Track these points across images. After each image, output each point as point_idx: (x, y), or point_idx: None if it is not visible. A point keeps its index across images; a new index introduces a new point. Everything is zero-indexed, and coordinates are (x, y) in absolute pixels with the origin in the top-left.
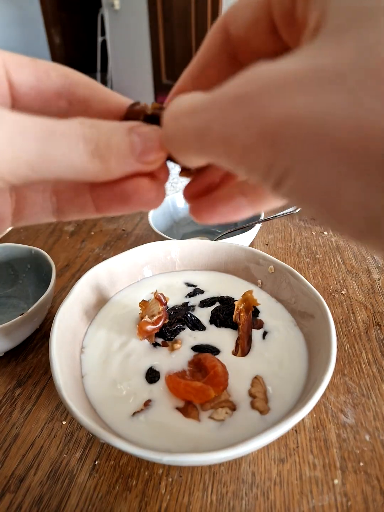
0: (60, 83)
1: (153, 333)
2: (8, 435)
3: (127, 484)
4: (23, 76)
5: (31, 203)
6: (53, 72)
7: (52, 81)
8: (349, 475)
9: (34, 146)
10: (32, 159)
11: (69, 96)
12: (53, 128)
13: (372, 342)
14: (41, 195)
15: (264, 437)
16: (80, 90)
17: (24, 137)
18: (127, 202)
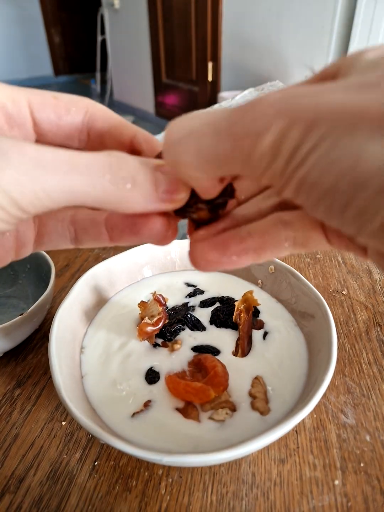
0: (80, 118)
1: (153, 334)
2: (7, 436)
3: (127, 485)
4: (45, 114)
5: (50, 231)
6: (73, 108)
7: (72, 116)
8: (349, 476)
9: (54, 178)
10: (52, 191)
11: (88, 129)
12: (76, 160)
13: (372, 342)
14: (60, 224)
15: (264, 437)
16: (98, 123)
17: (44, 170)
18: (137, 234)
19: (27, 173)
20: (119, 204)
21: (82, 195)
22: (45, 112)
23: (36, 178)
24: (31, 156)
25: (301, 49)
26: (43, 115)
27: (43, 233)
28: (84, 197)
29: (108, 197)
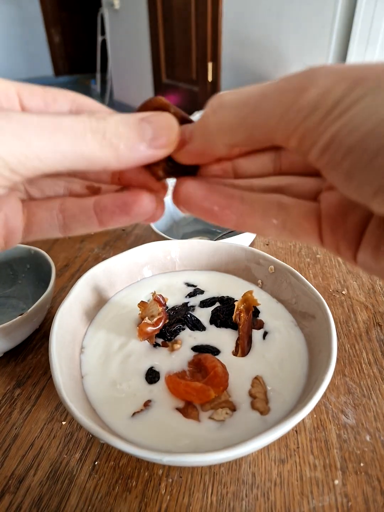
0: (67, 107)
1: (154, 334)
2: (7, 436)
3: (127, 485)
4: (34, 102)
5: (39, 219)
6: (60, 97)
7: (59, 105)
8: (350, 476)
9: (41, 140)
10: (40, 151)
11: None
12: (59, 122)
13: (372, 343)
14: (49, 212)
15: (264, 437)
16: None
17: (31, 132)
18: (128, 212)
19: (15, 134)
20: (106, 160)
21: (70, 155)
22: (34, 100)
23: (24, 139)
24: (18, 120)
25: (301, 49)
26: (32, 103)
27: (32, 222)
28: (72, 157)
29: (94, 154)
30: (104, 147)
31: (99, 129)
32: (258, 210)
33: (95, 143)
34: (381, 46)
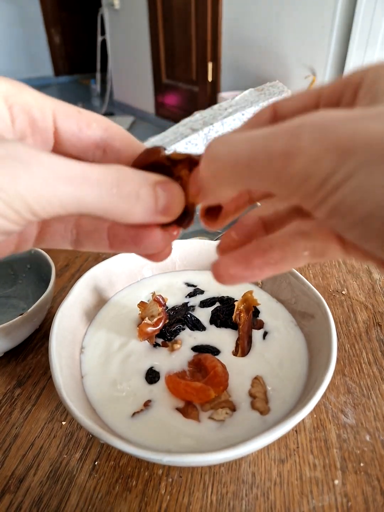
0: (99, 135)
1: (154, 335)
2: (8, 435)
3: (127, 485)
4: (68, 124)
5: (53, 231)
6: (94, 124)
7: (93, 132)
8: (350, 476)
9: (68, 189)
10: (65, 200)
11: (105, 146)
12: (88, 174)
13: (372, 342)
14: (64, 225)
15: (264, 437)
16: (116, 142)
17: (58, 181)
18: (138, 244)
19: (43, 181)
20: (122, 215)
21: (91, 205)
22: (68, 122)
23: (51, 187)
24: (48, 167)
25: (301, 49)
26: (66, 125)
27: (46, 232)
28: (93, 207)
29: (114, 208)
30: (123, 204)
31: (124, 188)
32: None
33: (116, 199)
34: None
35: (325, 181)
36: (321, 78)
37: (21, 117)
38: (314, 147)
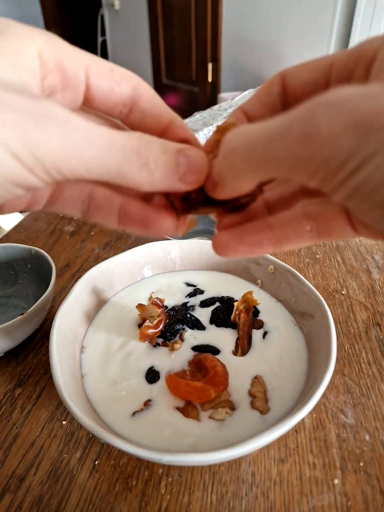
0: (128, 94)
1: (155, 336)
2: (8, 435)
3: (127, 484)
4: (99, 82)
5: (66, 196)
6: (124, 83)
7: (122, 91)
8: (349, 475)
9: (95, 154)
10: (91, 163)
11: (132, 105)
12: (114, 140)
13: (372, 342)
14: (78, 193)
15: (264, 437)
16: (142, 103)
17: (88, 143)
18: (146, 227)
19: (74, 143)
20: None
21: (113, 171)
22: (100, 80)
23: (80, 149)
24: (79, 129)
25: (301, 50)
26: (97, 83)
27: (58, 196)
28: (114, 173)
29: (133, 175)
30: (142, 171)
31: (144, 154)
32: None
33: (136, 165)
34: None
35: (345, 162)
36: None
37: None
38: (332, 126)
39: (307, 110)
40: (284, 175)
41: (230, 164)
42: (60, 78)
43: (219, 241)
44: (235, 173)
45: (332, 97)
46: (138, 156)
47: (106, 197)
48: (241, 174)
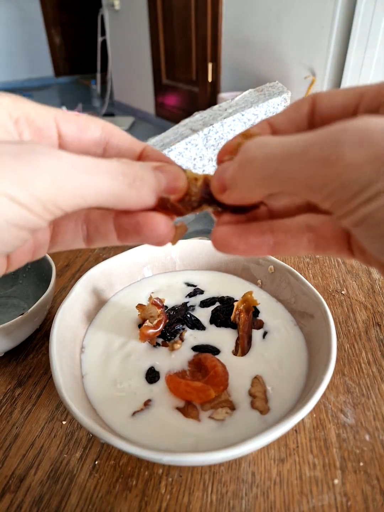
0: (98, 134)
1: (155, 336)
2: (8, 435)
3: (127, 484)
4: (69, 128)
5: (65, 230)
6: (92, 125)
7: (92, 131)
8: (349, 475)
9: (85, 179)
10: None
11: (105, 144)
12: (98, 165)
13: (372, 342)
14: (74, 223)
15: (264, 437)
16: (114, 139)
17: (77, 171)
18: (140, 233)
19: (65, 173)
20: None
21: (106, 194)
22: (69, 126)
23: (71, 178)
24: (66, 160)
25: (301, 50)
26: (67, 129)
27: (57, 233)
28: (107, 196)
29: (125, 195)
30: (131, 189)
31: (129, 173)
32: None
33: (124, 185)
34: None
35: (361, 191)
36: (321, 79)
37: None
38: (356, 154)
39: (331, 134)
40: (296, 193)
41: (245, 173)
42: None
43: (220, 236)
44: (248, 183)
45: (358, 125)
46: (124, 177)
47: (100, 215)
48: (254, 185)
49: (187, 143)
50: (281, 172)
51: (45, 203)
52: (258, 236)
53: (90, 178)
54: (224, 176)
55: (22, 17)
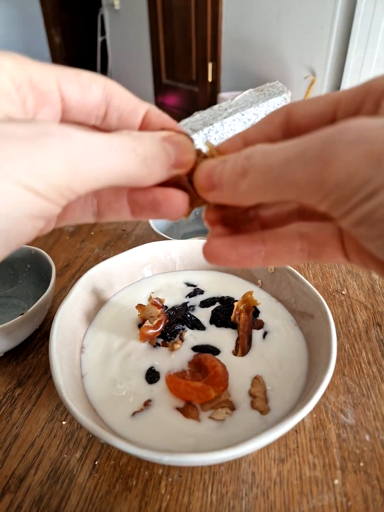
0: (100, 95)
1: (155, 337)
2: (8, 435)
3: (127, 484)
4: (72, 91)
5: (73, 206)
6: (94, 85)
7: (94, 93)
8: (349, 475)
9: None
10: (98, 171)
11: (107, 106)
12: (111, 144)
13: (372, 342)
14: (84, 198)
15: (264, 437)
16: (116, 100)
17: (90, 153)
18: (157, 210)
19: (79, 157)
20: (144, 178)
21: (118, 173)
22: (72, 89)
23: (85, 160)
24: (79, 141)
25: (301, 50)
26: (70, 92)
27: (67, 209)
28: (120, 175)
29: (137, 172)
30: (143, 167)
31: (140, 150)
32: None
33: (136, 162)
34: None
35: (359, 189)
36: (321, 79)
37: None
38: (351, 153)
39: (326, 135)
40: (296, 197)
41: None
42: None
43: (210, 248)
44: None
45: (353, 125)
46: (136, 154)
47: (112, 191)
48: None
49: None
50: (281, 178)
51: (61, 189)
52: (249, 247)
53: (103, 159)
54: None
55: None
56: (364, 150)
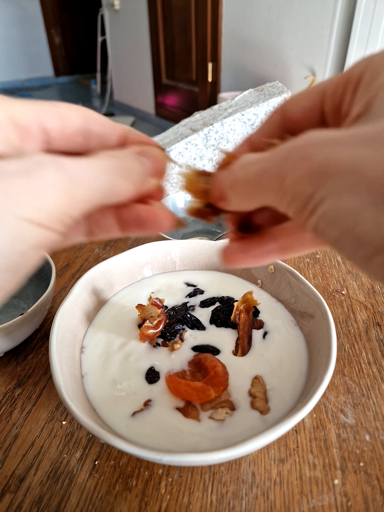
0: (79, 122)
1: (155, 337)
2: (8, 435)
3: (127, 484)
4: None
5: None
6: (71, 114)
7: (73, 122)
8: (349, 475)
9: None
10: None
11: (86, 133)
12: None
13: (372, 342)
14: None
15: (264, 437)
16: (95, 127)
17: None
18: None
19: (73, 184)
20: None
21: (107, 192)
22: (51, 120)
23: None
24: (71, 168)
25: (301, 49)
26: (50, 124)
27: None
28: (108, 193)
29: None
30: (128, 182)
31: (122, 167)
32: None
33: (119, 177)
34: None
35: (307, 202)
36: (321, 79)
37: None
38: (295, 172)
39: (284, 152)
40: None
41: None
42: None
43: (227, 253)
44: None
45: (302, 141)
46: (118, 170)
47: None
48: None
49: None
50: (258, 189)
51: (61, 217)
52: (260, 247)
53: (93, 181)
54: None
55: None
56: (307, 168)
